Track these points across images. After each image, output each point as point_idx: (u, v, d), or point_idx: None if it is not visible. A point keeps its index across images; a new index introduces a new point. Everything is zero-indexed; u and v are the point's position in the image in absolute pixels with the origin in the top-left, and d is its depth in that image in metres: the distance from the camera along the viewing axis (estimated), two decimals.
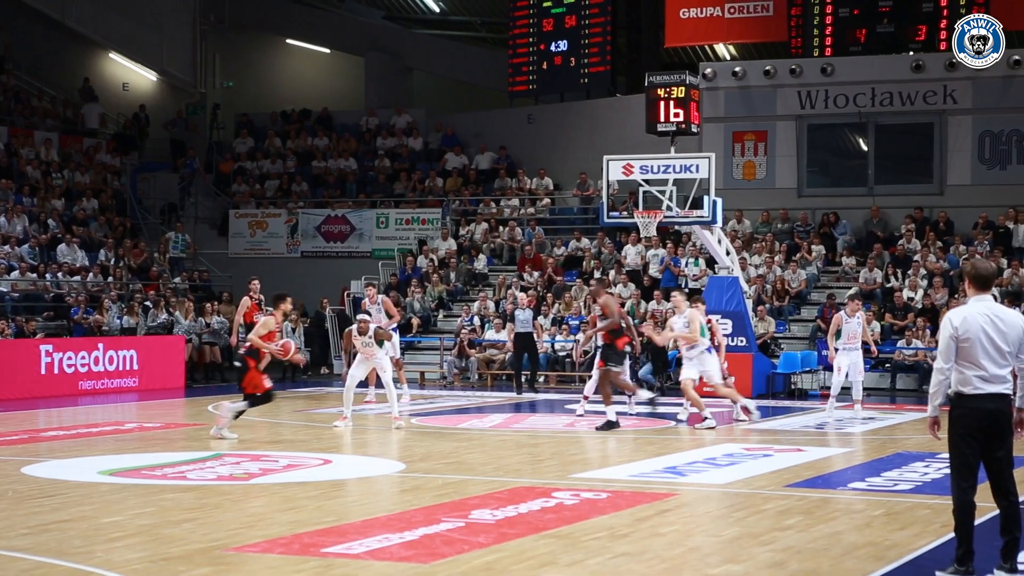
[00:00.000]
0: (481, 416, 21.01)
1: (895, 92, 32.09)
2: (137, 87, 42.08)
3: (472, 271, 33.13)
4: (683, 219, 25.13)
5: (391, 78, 42.18)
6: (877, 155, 32.90)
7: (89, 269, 30.48)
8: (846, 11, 32.99)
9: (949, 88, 31.59)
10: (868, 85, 32.23)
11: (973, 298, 8.79)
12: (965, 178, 31.68)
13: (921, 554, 9.55)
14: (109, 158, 37.06)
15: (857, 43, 32.88)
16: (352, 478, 13.65)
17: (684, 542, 10.13)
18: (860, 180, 33.11)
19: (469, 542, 9.83)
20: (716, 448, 16.34)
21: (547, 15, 36.89)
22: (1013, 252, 29.36)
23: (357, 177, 37.68)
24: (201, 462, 14.49)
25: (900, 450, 16.34)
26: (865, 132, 33.13)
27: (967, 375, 8.60)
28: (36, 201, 32.58)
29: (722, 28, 34.83)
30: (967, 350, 8.60)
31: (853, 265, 30.23)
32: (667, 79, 25.18)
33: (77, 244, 30.97)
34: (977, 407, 8.57)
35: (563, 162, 35.67)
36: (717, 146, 31.53)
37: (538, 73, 37.11)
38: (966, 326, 8.61)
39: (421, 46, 43.17)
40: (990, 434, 8.59)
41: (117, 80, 41.81)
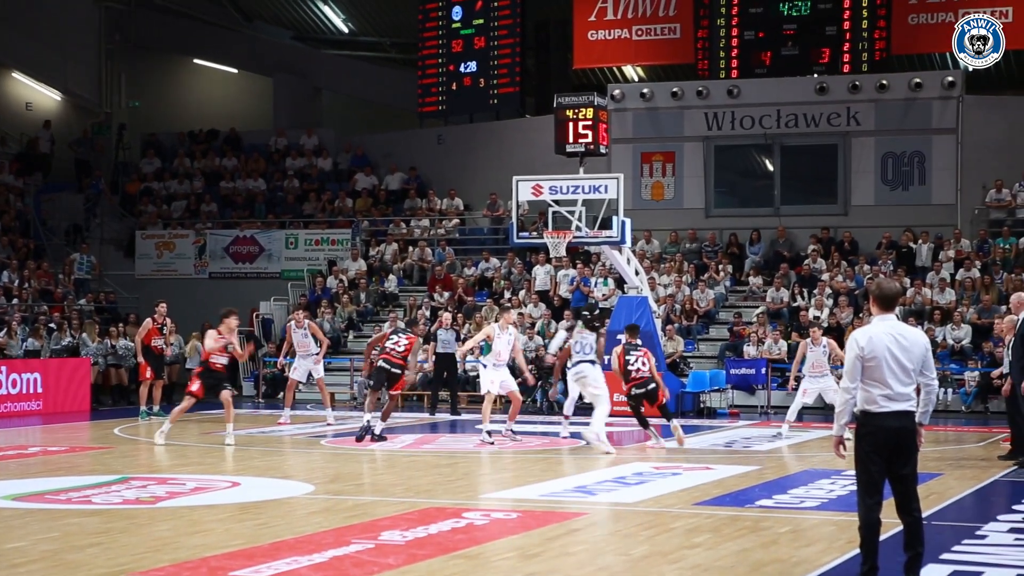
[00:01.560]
0: (392, 437, 20.91)
1: (800, 114, 32.55)
2: (41, 106, 41.50)
3: (382, 291, 33.04)
4: (592, 239, 25.25)
5: (300, 98, 42.03)
6: (783, 176, 33.33)
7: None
8: (751, 34, 33.44)
9: (853, 110, 32.11)
10: (773, 107, 32.67)
11: (877, 317, 8.89)
12: (869, 199, 32.19)
13: (827, 570, 9.64)
14: (12, 178, 36.50)
15: (762, 65, 33.34)
16: (261, 500, 13.52)
17: (594, 561, 10.15)
18: (767, 200, 33.51)
19: (379, 564, 9.78)
20: (626, 467, 16.40)
21: (456, 36, 36.98)
22: (916, 271, 29.86)
23: (266, 197, 37.47)
24: (107, 486, 14.28)
25: (807, 468, 16.52)
26: (771, 153, 33.55)
27: (872, 394, 8.69)
28: None
29: (630, 50, 35.14)
30: (872, 369, 8.69)
31: (760, 284, 30.56)
32: (575, 100, 25.30)
33: None
34: (882, 425, 8.66)
35: (473, 182, 35.74)
36: (626, 167, 31.78)
37: (447, 94, 37.17)
38: (871, 345, 8.71)
39: (330, 66, 43.08)
40: (895, 451, 8.68)
41: (21, 99, 41.21)
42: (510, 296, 30.69)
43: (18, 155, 38.21)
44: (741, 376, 26.97)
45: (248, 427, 22.52)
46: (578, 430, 19.41)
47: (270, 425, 22.93)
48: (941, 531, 11.41)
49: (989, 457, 17.86)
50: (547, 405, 26.36)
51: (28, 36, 39.49)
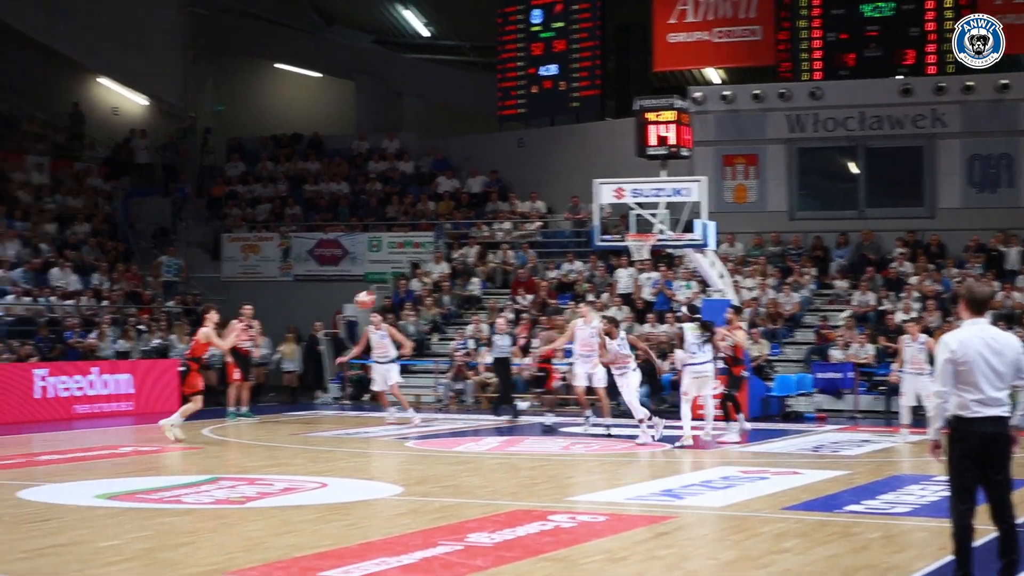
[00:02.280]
0: (477, 439, 21.00)
1: (884, 116, 32.23)
2: (128, 112, 42.10)
3: (466, 294, 33.14)
4: (675, 242, 25.12)
5: (381, 102, 42.28)
6: (868, 178, 33.01)
7: (82, 293, 30.44)
8: (834, 35, 33.16)
9: (938, 112, 31.73)
10: (857, 109, 32.37)
11: (968, 321, 8.78)
12: (955, 201, 31.80)
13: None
14: (100, 182, 37.07)
15: (845, 67, 33.05)
16: (349, 501, 13.63)
17: (682, 565, 10.12)
18: (851, 203, 33.19)
19: (467, 565, 9.82)
20: (713, 471, 16.34)
21: (536, 39, 37.02)
22: (1005, 275, 29.45)
23: (349, 201, 37.72)
24: (197, 486, 14.47)
25: (897, 473, 16.36)
26: (855, 155, 33.24)
27: (965, 399, 8.59)
28: (28, 225, 32.56)
29: (710, 52, 34.98)
30: (965, 373, 8.58)
31: (846, 288, 30.30)
32: (657, 103, 25.20)
33: (70, 268, 30.95)
34: (975, 430, 8.55)
35: (554, 185, 35.73)
36: (708, 169, 31.62)
37: (528, 97, 37.22)
38: (963, 349, 8.60)
39: (410, 70, 43.26)
40: (988, 457, 8.57)
41: (107, 105, 41.83)
42: (593, 299, 30.63)
43: (106, 159, 38.76)
44: (827, 380, 26.74)
45: (335, 428, 22.69)
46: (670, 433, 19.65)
47: (356, 427, 23.08)
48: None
49: None
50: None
51: (115, 43, 40.06)
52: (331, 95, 44.31)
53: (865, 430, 22.84)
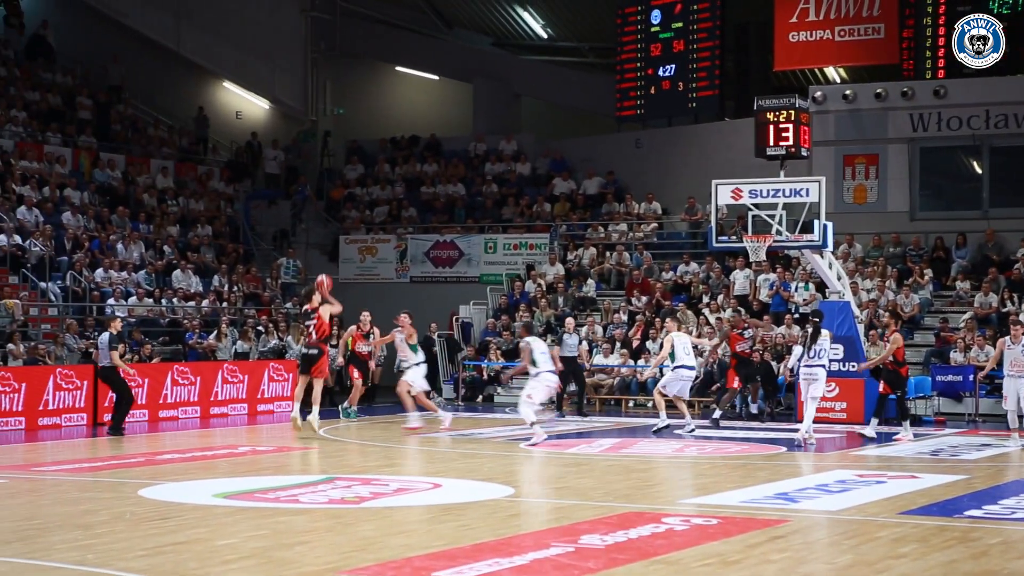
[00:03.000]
0: (590, 441, 20.98)
1: (1010, 114, 31.59)
2: (250, 115, 42.76)
3: (580, 296, 33.12)
4: (793, 243, 24.90)
5: (499, 104, 42.41)
6: (992, 178, 32.38)
7: (203, 295, 30.98)
8: None
9: None
10: (982, 107, 31.77)
11: None
12: None
13: None
14: (223, 185, 37.69)
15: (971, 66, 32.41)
16: (462, 502, 13.69)
17: (796, 569, 10.02)
18: (974, 203, 32.60)
19: (579, 567, 9.82)
20: (828, 475, 16.15)
21: (655, 40, 36.87)
22: None
23: (465, 203, 37.91)
24: (313, 485, 14.63)
25: (1017, 477, 16.02)
26: (979, 155, 32.63)
27: None
28: (152, 228, 33.21)
29: (832, 51, 34.55)
30: None
31: (968, 289, 29.74)
32: (776, 103, 24.99)
33: (192, 270, 31.51)
34: None
35: (671, 187, 35.56)
36: (827, 170, 31.26)
37: (646, 98, 37.08)
38: None
39: (529, 72, 43.33)
40: None
41: (230, 108, 42.53)
42: (708, 301, 30.46)
43: (229, 163, 39.39)
44: (947, 383, 26.30)
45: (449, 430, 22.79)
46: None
47: (470, 428, 23.18)
48: None
49: None
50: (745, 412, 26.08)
51: (237, 47, 40.76)
52: (449, 97, 44.56)
53: (985, 434, 22.42)
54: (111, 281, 29.24)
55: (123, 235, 31.49)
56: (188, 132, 39.40)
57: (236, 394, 26.27)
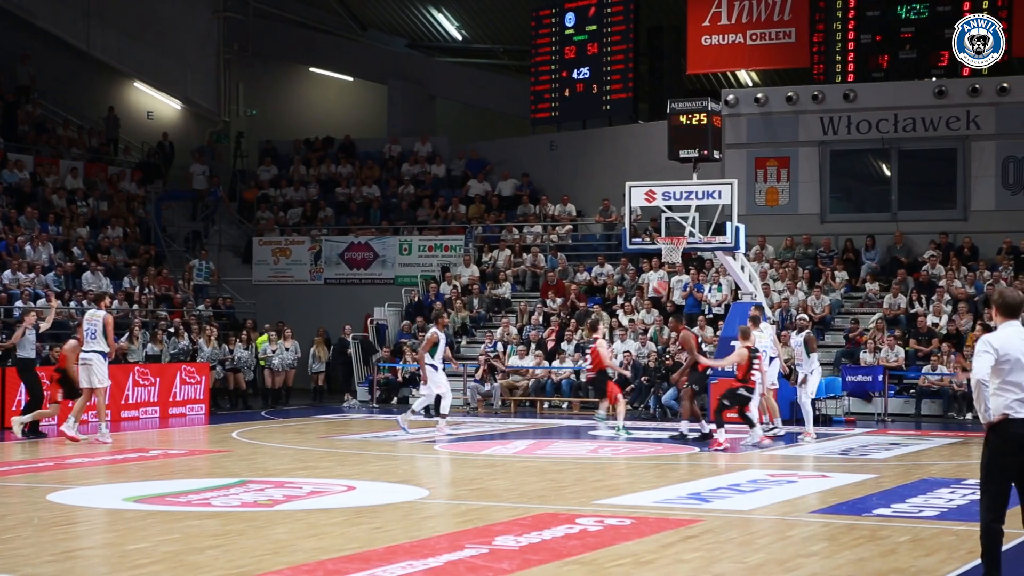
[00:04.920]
0: (505, 442, 21.01)
1: (918, 118, 32.06)
2: (161, 116, 42.31)
3: (495, 297, 33.15)
4: (706, 245, 25.11)
5: (414, 106, 42.33)
6: (900, 181, 32.83)
7: (114, 297, 30.58)
8: (868, 37, 33.00)
9: (972, 114, 31.53)
10: (891, 111, 32.22)
11: (1002, 325, 8.67)
12: (989, 203, 31.60)
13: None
14: (134, 187, 37.25)
15: (879, 69, 32.87)
16: (376, 504, 13.65)
17: (708, 568, 10.10)
18: (883, 206, 33.05)
19: (493, 568, 9.82)
20: (740, 474, 16.29)
21: (569, 42, 36.99)
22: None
23: (380, 204, 37.79)
24: (225, 489, 14.51)
25: (925, 476, 16.26)
26: (888, 158, 33.08)
27: (1007, 398, 8.46)
28: (61, 229, 32.74)
29: (744, 55, 34.86)
30: (1006, 372, 8.46)
31: (877, 291, 30.16)
32: (689, 106, 25.15)
33: (102, 272, 31.10)
34: (1015, 432, 8.43)
35: (585, 189, 35.70)
36: (739, 172, 31.53)
37: (560, 100, 37.19)
38: (1006, 348, 8.49)
39: (443, 74, 43.31)
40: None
41: (142, 109, 42.06)
42: (622, 302, 30.63)
43: (140, 163, 38.95)
44: (857, 383, 26.64)
45: (363, 431, 22.72)
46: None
47: (384, 430, 23.11)
48: None
49: None
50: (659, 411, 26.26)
51: (149, 47, 40.31)
52: (364, 99, 44.42)
53: (894, 433, 22.73)
54: (19, 283, 28.78)
55: (31, 236, 31.01)
56: (98, 133, 38.90)
57: (147, 397, 25.98)
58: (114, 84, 41.27)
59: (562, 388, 28.75)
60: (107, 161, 37.85)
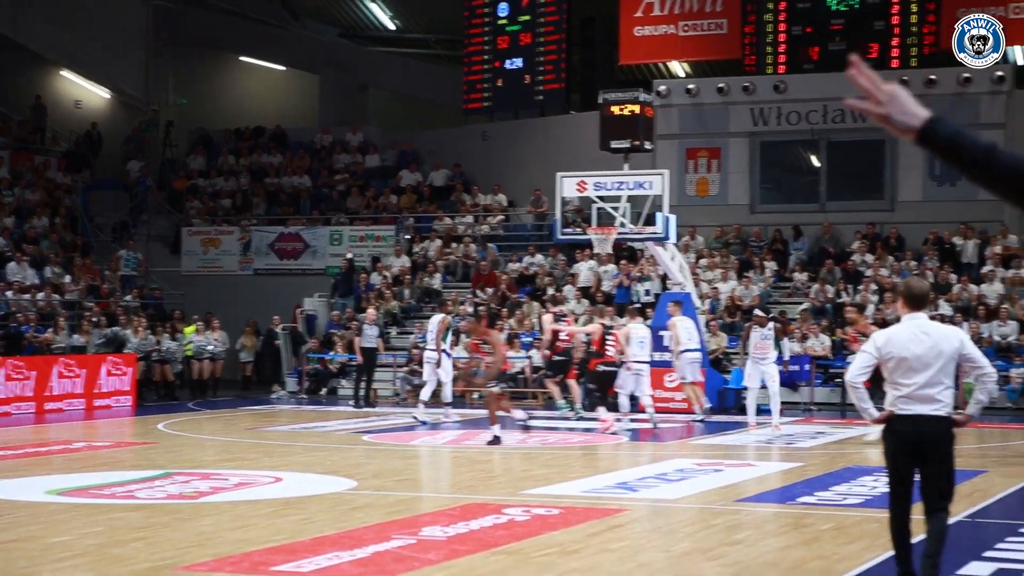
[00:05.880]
0: (434, 433, 20.97)
1: (846, 109, 32.24)
2: (90, 104, 41.85)
3: (426, 288, 33.08)
4: (637, 235, 25.20)
5: (346, 95, 42.17)
6: (829, 172, 33.12)
7: (40, 287, 30.22)
8: (799, 29, 33.23)
9: None
10: (820, 102, 32.46)
11: (906, 316, 8.54)
12: (916, 195, 31.94)
13: (870, 567, 9.56)
14: (61, 176, 36.82)
15: (810, 61, 33.12)
16: (303, 496, 13.57)
17: (634, 558, 10.12)
18: (812, 197, 33.31)
19: (420, 559, 9.79)
20: (668, 463, 16.37)
21: (502, 33, 36.97)
22: (962, 268, 29.60)
23: (311, 194, 37.60)
24: (150, 481, 14.37)
25: (849, 464, 16.41)
26: (817, 149, 33.34)
27: (894, 395, 8.41)
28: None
29: (676, 46, 35.00)
30: (892, 370, 8.38)
31: (805, 281, 30.39)
32: (621, 96, 25.24)
33: (27, 262, 30.71)
34: (904, 428, 8.34)
35: (518, 179, 35.71)
36: (671, 163, 31.63)
37: (493, 90, 37.16)
38: (889, 347, 8.38)
39: (376, 63, 43.17)
40: (921, 455, 8.34)
41: (69, 97, 41.55)
42: (553, 293, 30.66)
43: (67, 152, 38.51)
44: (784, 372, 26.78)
45: (291, 423, 22.60)
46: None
47: (313, 421, 23.01)
48: (985, 528, 11.32)
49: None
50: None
51: (78, 35, 39.81)
52: (295, 88, 44.18)
53: (820, 422, 22.93)
54: None
55: None
56: (25, 121, 38.40)
57: (72, 389, 25.67)
58: (41, 72, 40.74)
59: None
60: (34, 150, 37.39)
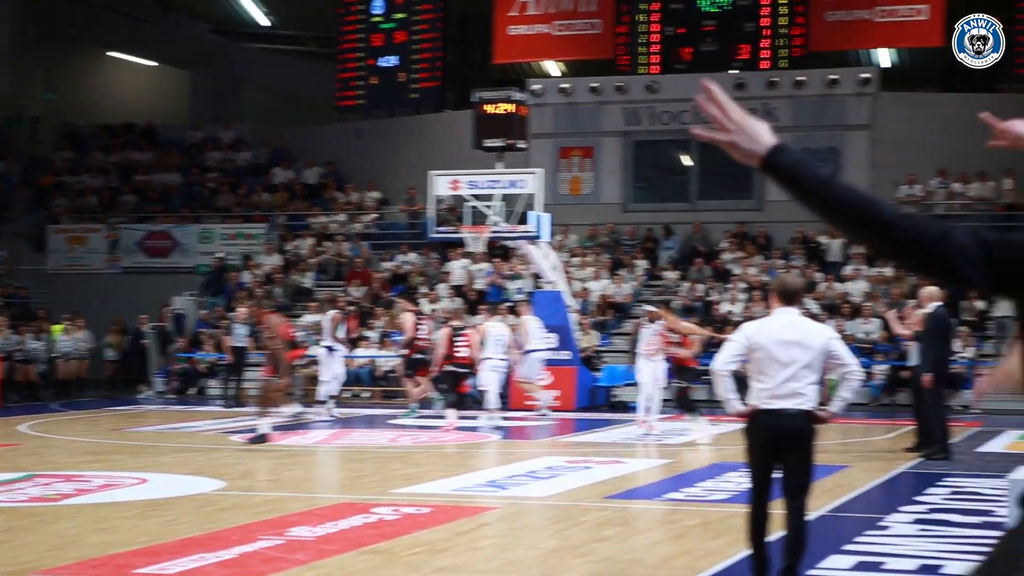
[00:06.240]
0: (304, 432, 20.82)
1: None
2: None
3: (298, 286, 32.82)
4: (510, 234, 25.27)
5: (218, 92, 41.71)
6: (700, 171, 33.51)
7: None
8: (671, 30, 33.58)
9: (770, 106, 32.31)
10: (692, 103, 32.61)
11: (779, 310, 8.58)
12: (783, 194, 32.21)
13: (735, 562, 9.65)
14: None
15: (682, 61, 33.48)
16: (169, 497, 13.36)
17: (502, 555, 10.14)
18: (683, 196, 33.68)
19: (287, 560, 9.70)
20: (538, 461, 16.43)
21: (376, 30, 36.82)
22: (828, 267, 30.15)
23: (181, 191, 37.09)
24: (10, 484, 14.06)
25: (716, 461, 16.62)
26: (688, 149, 33.72)
27: (757, 388, 8.38)
28: None
29: (550, 45, 35.16)
30: (759, 363, 8.36)
31: (675, 279, 30.72)
32: (495, 95, 25.31)
33: None
34: (766, 423, 8.33)
35: (392, 177, 35.59)
36: (544, 162, 31.78)
37: (367, 88, 37.01)
38: (757, 338, 8.40)
39: (249, 60, 42.74)
40: (781, 451, 8.34)
41: None
42: (426, 291, 30.62)
43: None
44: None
45: (158, 423, 22.28)
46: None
47: (180, 421, 22.71)
48: (846, 522, 11.53)
49: (895, 449, 18.08)
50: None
51: None
52: (166, 84, 43.58)
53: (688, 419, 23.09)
54: None
55: None
56: None
57: None
58: None
59: (362, 377, 28.63)
60: None
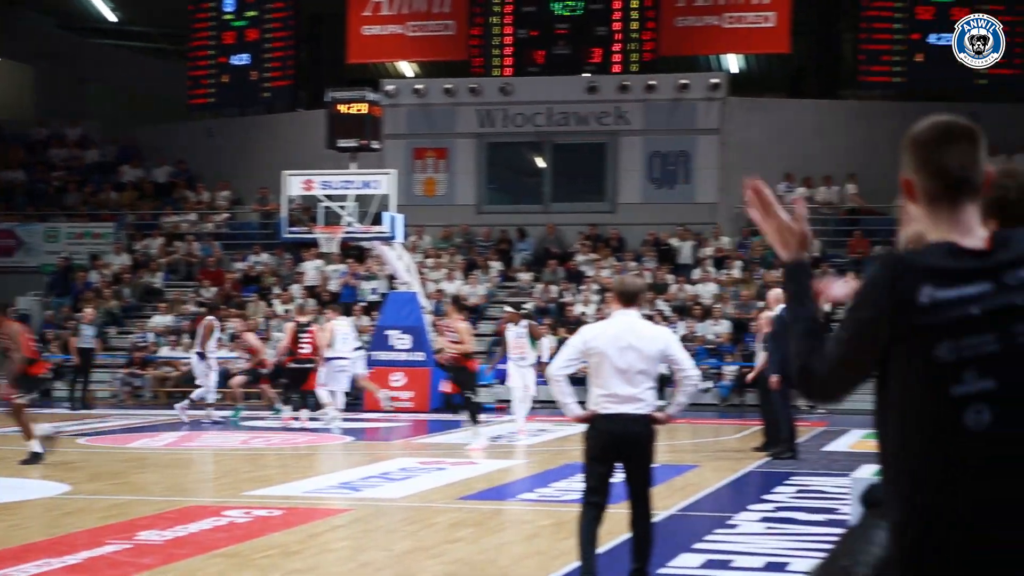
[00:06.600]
0: (154, 435, 20.51)
1: (570, 112, 33.01)
2: None
3: (147, 286, 32.30)
4: (364, 235, 25.19)
5: (64, 88, 40.83)
6: (554, 173, 33.76)
7: None
8: (524, 32, 33.76)
9: (621, 109, 32.70)
10: (545, 105, 33.07)
11: (618, 312, 8.38)
12: (636, 197, 32.85)
13: None
14: None
15: (535, 64, 33.69)
16: (11, 501, 13.06)
17: (355, 557, 10.10)
18: (537, 198, 33.89)
19: (136, 564, 9.56)
20: (391, 463, 16.41)
21: (228, 28, 36.41)
22: (679, 268, 30.60)
23: (26, 189, 36.26)
24: None
25: (569, 461, 16.74)
26: (542, 151, 33.94)
27: (597, 394, 8.24)
28: None
29: (404, 46, 35.13)
30: (596, 367, 8.21)
31: (530, 280, 30.90)
32: (348, 95, 25.21)
33: None
34: (605, 428, 8.20)
35: (244, 177, 35.22)
36: (398, 162, 31.73)
37: (219, 86, 36.58)
38: (595, 341, 8.23)
39: (96, 56, 41.92)
40: (620, 457, 8.25)
41: None
42: (279, 292, 30.38)
43: None
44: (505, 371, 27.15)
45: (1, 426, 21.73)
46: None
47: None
48: (695, 521, 11.71)
49: (744, 449, 18.40)
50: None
51: None
52: (10, 79, 42.51)
53: (542, 420, 23.32)
54: None
55: None
56: None
57: None
58: None
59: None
60: None
